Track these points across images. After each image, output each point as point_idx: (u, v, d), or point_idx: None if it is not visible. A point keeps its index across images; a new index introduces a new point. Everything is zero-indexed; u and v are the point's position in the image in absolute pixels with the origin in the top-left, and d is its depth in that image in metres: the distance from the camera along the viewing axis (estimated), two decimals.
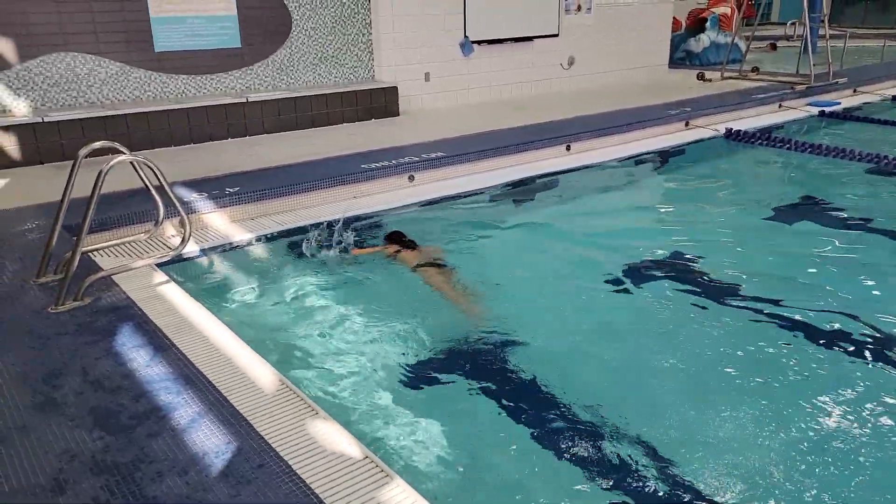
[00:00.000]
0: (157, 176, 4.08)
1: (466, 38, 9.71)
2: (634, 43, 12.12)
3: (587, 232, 5.79)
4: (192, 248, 4.88)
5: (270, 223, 5.53)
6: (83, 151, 4.01)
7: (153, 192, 4.44)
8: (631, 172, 7.74)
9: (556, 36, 10.76)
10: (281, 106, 8.04)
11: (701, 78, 12.10)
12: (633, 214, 6.52)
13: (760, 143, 8.55)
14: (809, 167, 7.82)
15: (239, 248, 5.18)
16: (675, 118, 8.93)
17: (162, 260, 4.36)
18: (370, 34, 9.12)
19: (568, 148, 7.74)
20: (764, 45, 17.33)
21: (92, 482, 2.34)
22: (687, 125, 9.02)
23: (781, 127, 9.50)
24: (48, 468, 2.42)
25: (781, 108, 10.33)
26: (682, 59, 14.59)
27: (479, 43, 9.87)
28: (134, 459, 2.46)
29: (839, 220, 5.94)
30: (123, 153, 4.08)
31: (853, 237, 5.56)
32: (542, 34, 10.59)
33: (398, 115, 9.04)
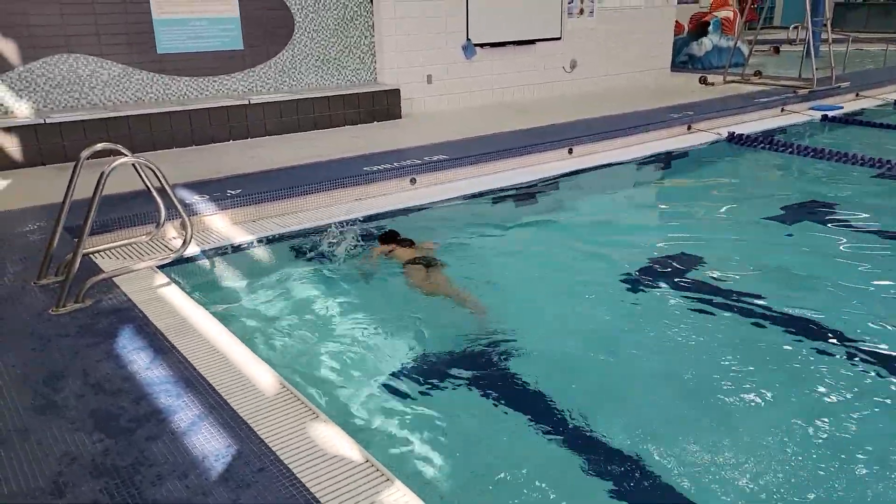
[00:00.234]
0: (158, 178, 4.08)
1: (469, 40, 9.71)
2: (637, 46, 12.12)
3: (589, 235, 5.78)
4: (193, 250, 4.88)
5: (272, 225, 5.53)
6: (85, 153, 4.00)
7: (154, 193, 4.44)
8: (633, 176, 7.74)
9: (558, 39, 10.77)
10: (283, 108, 8.04)
11: (703, 82, 12.09)
12: (635, 218, 6.51)
13: (763, 146, 8.54)
14: (811, 171, 7.81)
15: (240, 250, 5.18)
16: (677, 122, 8.92)
17: (163, 262, 4.36)
18: (372, 36, 9.12)
19: (570, 151, 7.74)
20: (766, 48, 17.32)
21: (92, 485, 2.34)
22: (689, 129, 9.02)
23: (784, 131, 9.48)
24: (48, 471, 2.41)
25: (784, 112, 10.31)
26: (684, 62, 14.58)
27: (481, 46, 9.87)
28: (134, 462, 2.45)
29: (842, 223, 5.93)
30: (125, 155, 4.09)
31: (856, 241, 5.55)
32: (544, 37, 10.59)
33: (400, 117, 9.03)
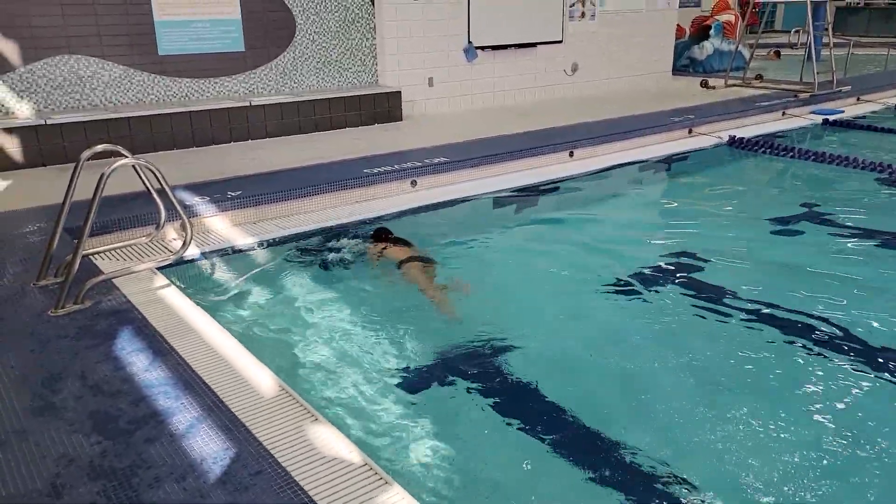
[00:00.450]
0: (158, 179, 4.08)
1: (470, 43, 9.72)
2: (638, 50, 12.13)
3: (589, 238, 5.77)
4: (193, 251, 4.87)
5: (272, 227, 5.52)
6: (85, 154, 4.00)
7: (155, 195, 4.44)
8: (634, 179, 7.73)
9: (559, 42, 10.78)
10: (284, 110, 8.04)
11: (704, 85, 12.09)
12: (635, 221, 6.50)
13: (764, 150, 8.54)
14: (812, 175, 7.80)
15: (240, 252, 5.17)
16: (678, 125, 8.92)
17: (163, 263, 4.36)
18: (374, 39, 9.13)
19: (571, 154, 7.73)
20: (767, 52, 17.33)
21: (89, 487, 2.33)
22: (690, 132, 9.01)
23: (785, 135, 9.48)
24: (45, 473, 2.41)
25: (785, 115, 10.31)
26: (685, 66, 14.58)
27: (482, 49, 9.88)
28: (132, 464, 2.44)
29: (843, 227, 5.92)
30: (125, 156, 4.09)
31: (858, 244, 5.54)
32: (545, 40, 10.60)
33: (401, 119, 9.04)
